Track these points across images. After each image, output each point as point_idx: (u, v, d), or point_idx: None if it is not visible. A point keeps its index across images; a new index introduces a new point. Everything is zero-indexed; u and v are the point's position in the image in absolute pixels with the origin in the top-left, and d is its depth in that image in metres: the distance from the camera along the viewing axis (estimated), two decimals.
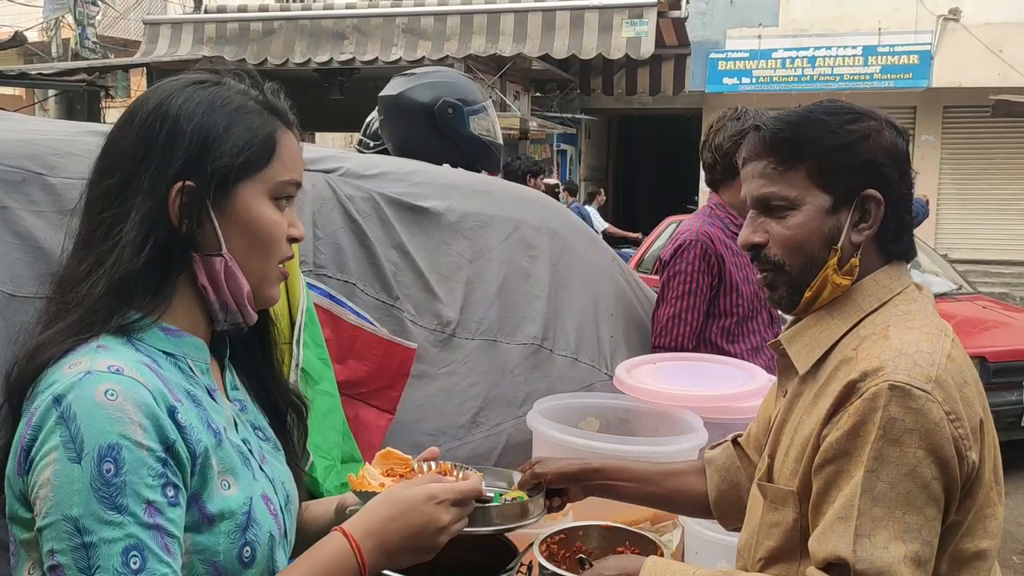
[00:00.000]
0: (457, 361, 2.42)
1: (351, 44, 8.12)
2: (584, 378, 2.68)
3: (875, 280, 1.38)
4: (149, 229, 1.12)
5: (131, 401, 1.04)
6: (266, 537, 1.16)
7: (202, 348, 1.21)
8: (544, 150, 14.80)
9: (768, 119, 1.41)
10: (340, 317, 2.10)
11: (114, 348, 1.10)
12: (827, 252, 1.36)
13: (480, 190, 2.66)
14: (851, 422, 1.24)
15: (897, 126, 1.39)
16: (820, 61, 14.76)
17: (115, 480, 1.01)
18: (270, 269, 1.22)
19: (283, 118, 1.24)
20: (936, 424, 1.20)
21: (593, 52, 7.72)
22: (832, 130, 1.35)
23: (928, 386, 1.22)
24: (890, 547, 1.19)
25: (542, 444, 2.26)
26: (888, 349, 1.27)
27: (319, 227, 2.24)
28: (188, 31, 8.71)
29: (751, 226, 1.41)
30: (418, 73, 2.99)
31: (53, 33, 13.40)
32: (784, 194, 1.36)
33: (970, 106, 14.67)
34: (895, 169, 1.36)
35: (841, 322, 1.38)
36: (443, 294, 2.43)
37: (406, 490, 1.22)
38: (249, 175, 1.18)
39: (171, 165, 1.14)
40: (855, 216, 1.35)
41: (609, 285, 2.90)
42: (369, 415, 2.12)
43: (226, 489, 1.13)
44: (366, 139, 3.24)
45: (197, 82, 1.21)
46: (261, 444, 1.28)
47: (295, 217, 1.26)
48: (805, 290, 1.38)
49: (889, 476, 1.21)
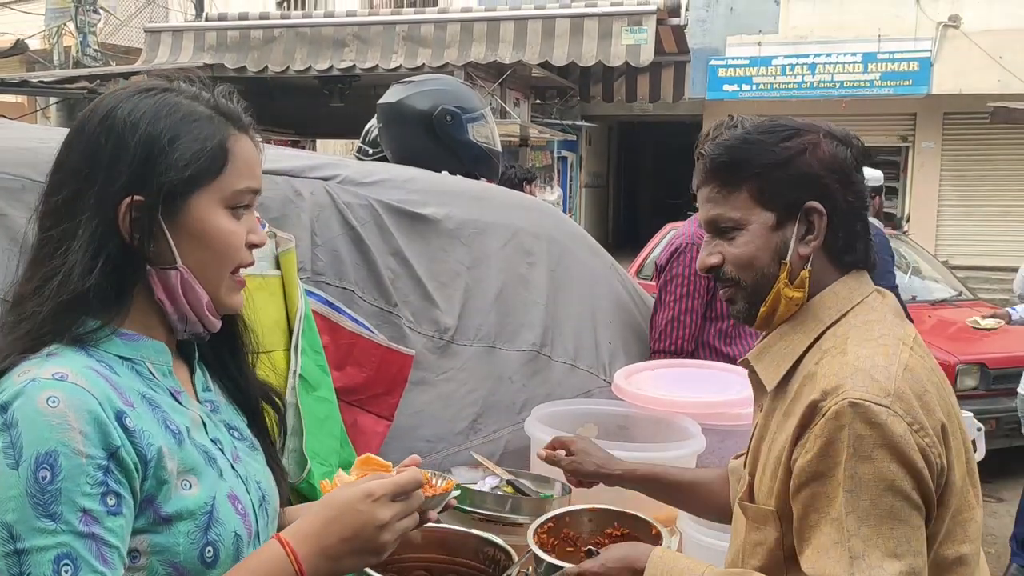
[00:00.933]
0: (455, 368, 2.43)
1: (351, 51, 8.15)
2: (582, 385, 2.68)
3: (834, 292, 1.40)
4: (98, 247, 1.11)
5: (73, 408, 1.03)
6: (231, 537, 1.15)
7: (163, 351, 1.20)
8: (545, 157, 14.82)
9: (709, 145, 1.45)
10: (338, 324, 2.11)
11: (64, 355, 1.09)
12: (777, 267, 1.39)
13: (478, 197, 2.67)
14: (819, 444, 1.25)
15: (842, 136, 1.41)
16: (820, 68, 14.78)
17: (50, 487, 1.00)
18: (227, 278, 1.20)
19: (236, 122, 1.21)
20: (901, 436, 1.22)
21: (593, 59, 7.73)
22: (768, 149, 1.38)
23: (887, 400, 1.23)
24: (885, 565, 1.20)
25: None
26: (845, 365, 1.29)
27: (317, 234, 2.25)
28: (189, 39, 8.74)
29: (707, 249, 1.46)
30: (417, 81, 3.00)
31: (55, 41, 13.43)
32: (730, 216, 1.41)
33: (970, 113, 14.67)
34: (836, 180, 1.38)
35: (803, 336, 1.40)
36: (441, 301, 2.43)
37: (343, 491, 1.19)
38: (200, 186, 1.15)
39: (117, 181, 1.11)
40: (800, 229, 1.38)
41: (607, 291, 2.91)
42: (367, 422, 2.12)
43: (186, 489, 1.12)
44: (365, 146, 3.25)
45: (144, 90, 1.18)
46: (235, 443, 1.26)
47: (255, 223, 1.23)
48: (760, 305, 1.41)
49: (869, 493, 1.21)
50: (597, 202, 19.21)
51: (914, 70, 14.41)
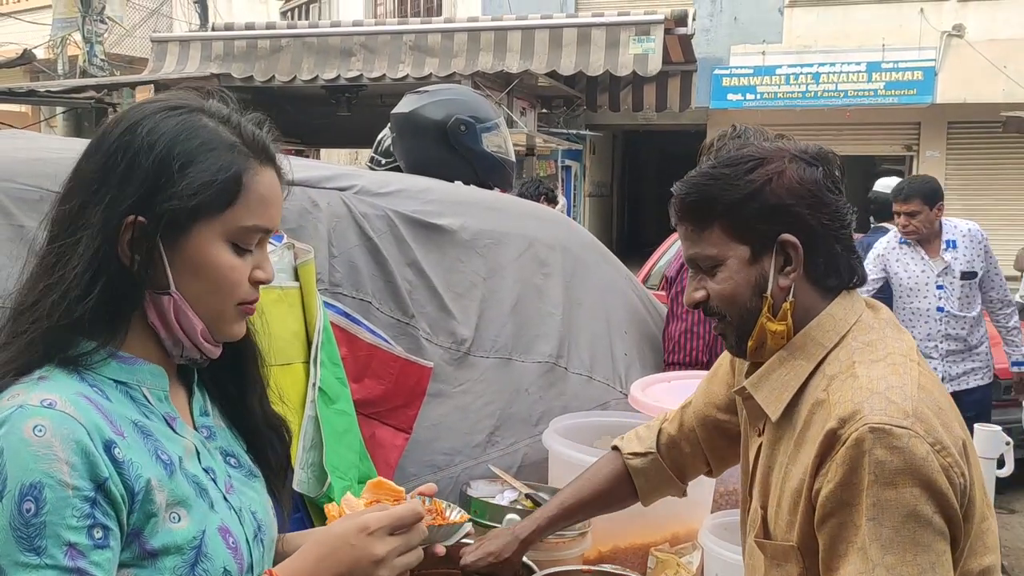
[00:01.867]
0: (472, 379, 2.41)
1: (358, 61, 8.15)
2: (599, 396, 2.66)
3: (831, 314, 1.38)
4: (98, 268, 1.07)
5: (60, 437, 0.99)
6: (219, 572, 1.10)
7: (159, 375, 1.16)
8: (549, 166, 14.82)
9: (678, 184, 1.44)
10: (356, 336, 2.09)
11: (55, 379, 1.06)
12: (759, 300, 1.37)
13: (493, 207, 2.65)
14: (841, 472, 1.23)
15: (809, 156, 1.38)
16: (824, 77, 14.78)
17: (34, 520, 0.97)
18: (226, 310, 1.15)
19: (260, 154, 1.16)
20: (923, 459, 1.20)
21: (600, 69, 7.73)
22: (732, 183, 1.36)
23: (907, 422, 1.21)
24: None
25: (557, 463, 2.24)
26: (860, 390, 1.26)
27: (334, 245, 2.24)
28: (196, 48, 8.75)
29: (692, 285, 1.44)
30: (431, 90, 2.99)
31: (59, 51, 13.46)
32: (706, 253, 1.39)
33: (975, 122, 14.67)
34: (807, 205, 1.34)
35: (805, 361, 1.37)
36: (458, 312, 2.42)
37: (338, 524, 1.15)
38: (205, 217, 1.11)
39: (124, 200, 1.08)
40: (778, 261, 1.36)
41: (622, 302, 2.89)
42: (385, 434, 2.10)
43: (175, 522, 1.08)
44: (378, 156, 3.24)
45: (172, 108, 1.15)
46: (230, 472, 1.22)
47: (264, 259, 1.18)
48: (747, 339, 1.40)
49: (892, 521, 1.20)
50: (601, 211, 19.19)
51: (918, 79, 14.41)
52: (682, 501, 2.17)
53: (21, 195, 1.78)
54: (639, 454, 1.82)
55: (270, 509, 1.26)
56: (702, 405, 1.76)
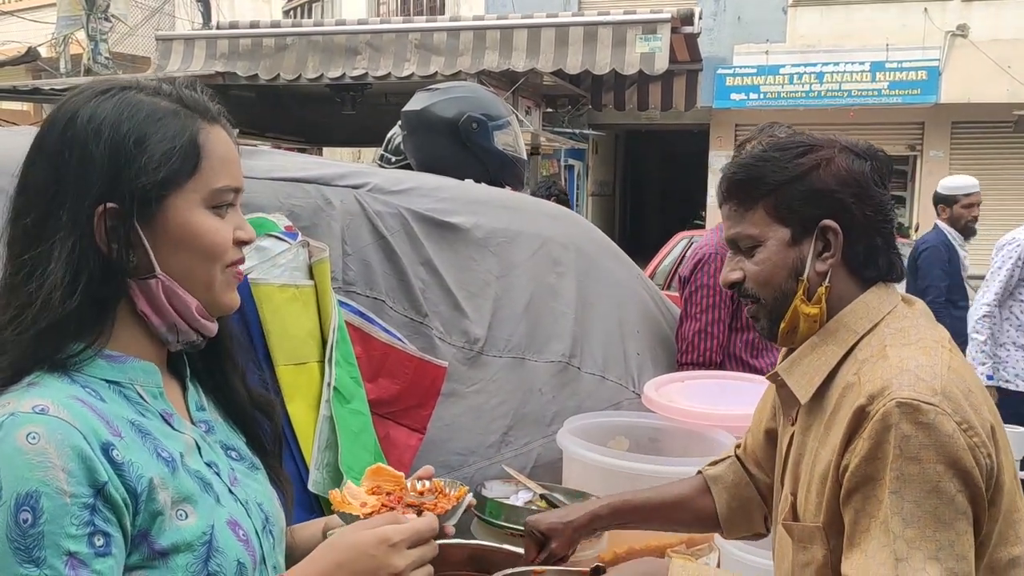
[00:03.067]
0: (486, 379, 2.39)
1: (364, 59, 8.11)
2: (612, 396, 2.65)
3: (864, 302, 1.39)
4: (78, 266, 1.04)
5: (54, 443, 0.96)
6: (233, 566, 1.08)
7: (152, 372, 1.13)
8: (552, 165, 14.81)
9: (728, 164, 1.47)
10: (371, 335, 2.07)
11: (46, 384, 1.03)
12: (795, 283, 1.39)
13: (506, 206, 2.64)
14: (867, 446, 1.24)
15: (860, 150, 1.40)
16: (828, 77, 14.79)
17: (32, 531, 0.94)
18: (216, 277, 1.12)
19: (204, 114, 1.14)
20: (950, 436, 1.21)
21: (607, 68, 7.70)
22: (782, 166, 1.39)
23: (935, 399, 1.22)
24: (927, 568, 1.19)
25: (572, 463, 2.23)
26: (889, 368, 1.28)
27: (348, 243, 2.22)
28: (201, 47, 8.72)
29: (729, 265, 1.46)
30: (442, 88, 2.97)
31: (62, 49, 13.45)
32: (748, 233, 1.41)
33: (978, 122, 14.67)
34: (852, 194, 1.37)
35: (836, 347, 1.38)
36: (471, 311, 2.40)
37: (357, 533, 1.12)
38: (176, 186, 1.08)
39: (88, 194, 1.05)
40: (818, 246, 1.38)
41: (635, 302, 2.88)
42: (400, 434, 2.08)
43: (182, 519, 1.06)
44: (388, 154, 3.22)
45: (101, 92, 1.10)
46: (233, 465, 1.20)
47: (241, 219, 1.16)
48: (780, 322, 1.41)
49: (913, 495, 1.20)
50: (604, 210, 19.19)
51: (922, 79, 14.42)
52: None
53: None
54: (717, 461, 1.78)
55: (276, 501, 1.25)
56: (750, 441, 1.74)
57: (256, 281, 1.84)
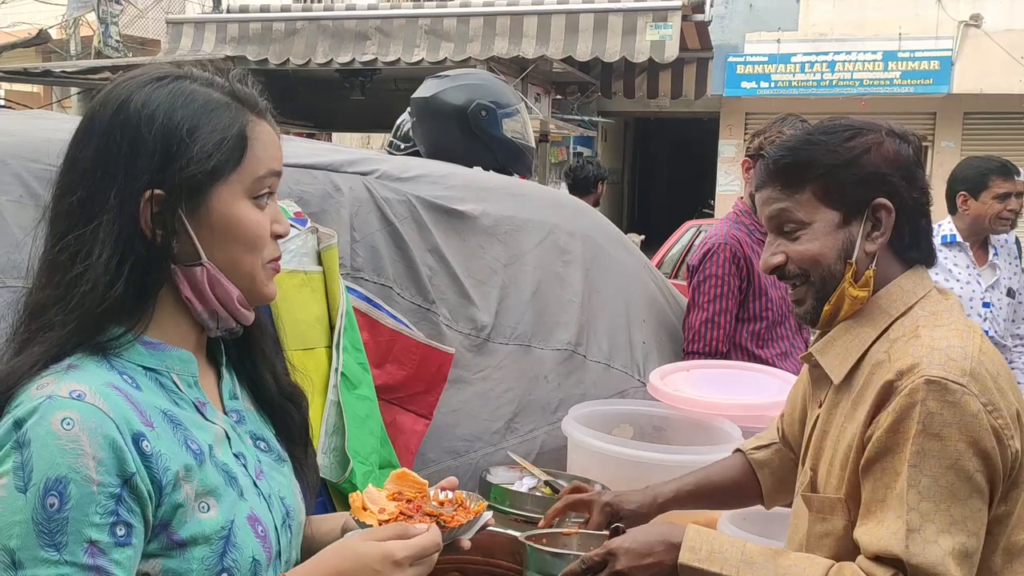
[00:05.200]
0: (492, 366, 2.41)
1: (373, 45, 8.12)
2: (617, 385, 2.66)
3: (899, 285, 1.41)
4: (124, 250, 1.06)
5: (88, 431, 0.98)
6: (248, 563, 1.10)
7: (189, 360, 1.15)
8: (561, 152, 14.77)
9: (772, 147, 1.48)
10: (378, 321, 2.09)
11: (85, 368, 1.05)
12: (843, 266, 1.40)
13: (514, 193, 2.64)
14: (891, 419, 1.27)
15: (902, 133, 1.43)
16: (840, 66, 14.69)
17: (57, 516, 0.96)
18: (258, 269, 1.15)
19: (253, 108, 1.16)
20: (974, 416, 1.23)
21: (617, 55, 7.69)
22: (832, 149, 1.40)
23: (964, 379, 1.25)
24: (939, 540, 1.22)
25: (576, 451, 2.24)
26: (920, 347, 1.30)
27: (356, 229, 2.23)
28: (211, 30, 8.74)
29: (769, 249, 1.47)
30: (451, 75, 2.98)
31: (72, 31, 13.45)
32: (794, 216, 1.43)
33: (991, 113, 14.57)
34: (901, 176, 1.40)
35: (870, 329, 1.41)
36: (478, 298, 2.41)
37: (362, 545, 1.13)
38: (222, 177, 1.10)
39: (137, 178, 1.07)
40: (867, 226, 1.40)
41: (641, 291, 2.88)
42: (406, 420, 2.10)
43: (204, 512, 1.07)
44: (397, 141, 3.23)
45: (156, 79, 1.13)
46: (260, 456, 1.22)
47: (278, 211, 1.18)
48: (824, 303, 1.42)
49: (932, 470, 1.23)
50: (612, 198, 19.13)
51: (934, 69, 14.31)
52: None
53: (50, 176, 1.77)
54: (762, 447, 1.80)
55: (298, 494, 1.26)
56: (786, 427, 1.76)
57: None
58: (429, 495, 1.31)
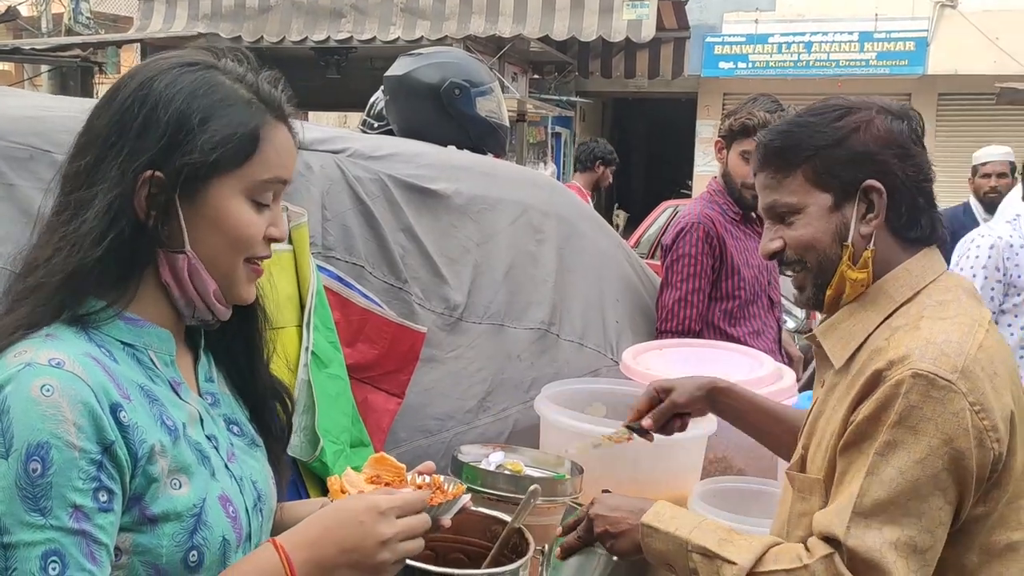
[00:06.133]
0: (464, 345, 2.40)
1: (348, 23, 8.06)
2: (590, 364, 2.67)
3: (907, 269, 1.39)
4: (113, 219, 1.07)
5: (67, 398, 0.99)
6: (218, 541, 1.10)
7: (167, 339, 1.15)
8: (539, 133, 14.74)
9: (762, 132, 1.47)
10: (349, 300, 2.08)
11: (63, 338, 1.05)
12: (839, 248, 1.38)
13: (487, 173, 2.64)
14: (872, 407, 1.26)
15: (895, 110, 1.40)
16: (816, 47, 14.73)
17: (40, 481, 0.96)
18: (237, 269, 1.15)
19: (275, 111, 1.17)
20: (955, 415, 1.22)
21: (594, 34, 7.68)
22: (820, 130, 1.38)
23: (952, 376, 1.23)
24: (884, 529, 1.22)
25: (549, 429, 2.25)
26: (917, 339, 1.28)
27: (327, 208, 2.22)
28: (183, 7, 8.63)
29: (768, 235, 1.46)
30: (425, 53, 2.95)
31: (43, 8, 13.24)
32: (786, 201, 1.41)
33: (965, 93, 14.67)
34: (894, 155, 1.37)
35: (874, 313, 1.39)
36: (451, 277, 2.41)
37: (348, 500, 1.16)
38: (224, 172, 1.11)
39: (142, 154, 1.08)
40: (861, 208, 1.37)
41: (615, 270, 2.89)
42: (378, 399, 2.10)
43: (176, 488, 1.08)
44: (370, 119, 3.20)
45: (188, 64, 1.14)
46: (233, 440, 1.22)
47: (279, 216, 1.18)
48: (826, 288, 1.41)
49: (899, 462, 1.22)
50: None
51: (910, 50, 14.39)
52: (672, 467, 2.19)
53: (11, 153, 1.75)
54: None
55: (270, 479, 1.27)
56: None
57: None
58: (407, 479, 1.31)
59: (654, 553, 1.44)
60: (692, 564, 1.37)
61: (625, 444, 1.91)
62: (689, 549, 1.37)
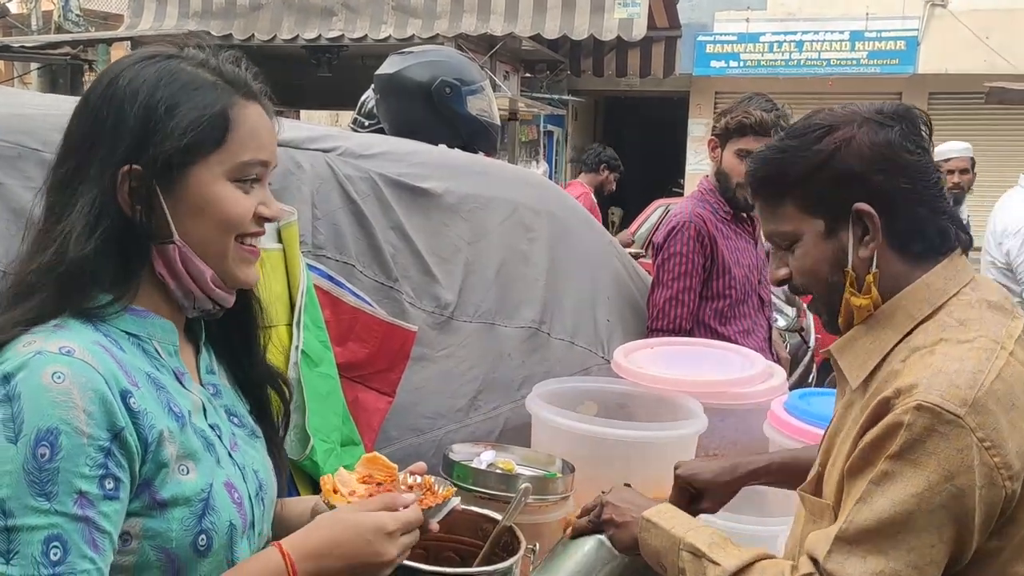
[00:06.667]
0: (455, 344, 2.40)
1: (340, 21, 8.05)
2: (581, 362, 2.67)
3: (926, 283, 1.30)
4: (99, 216, 1.09)
5: (78, 385, 1.01)
6: (225, 526, 1.13)
7: (170, 330, 1.18)
8: (531, 131, 14.72)
9: (749, 159, 1.42)
10: (340, 299, 2.08)
11: (71, 328, 1.07)
12: (840, 275, 1.32)
13: (478, 171, 2.64)
14: (875, 435, 1.21)
15: (884, 116, 1.31)
16: (807, 46, 14.75)
17: (48, 466, 0.98)
18: (229, 250, 1.16)
19: (243, 90, 1.17)
20: (960, 451, 1.15)
21: (585, 33, 7.68)
22: (801, 155, 1.32)
23: (961, 410, 1.15)
24: (868, 559, 1.17)
25: (541, 428, 2.25)
26: (929, 367, 1.20)
27: (317, 207, 2.21)
28: (173, 5, 8.60)
29: (774, 262, 1.41)
30: (415, 51, 2.96)
31: (33, 5, 13.17)
32: (782, 230, 1.37)
33: (955, 93, 14.70)
34: (879, 171, 1.28)
35: (892, 331, 1.31)
36: (442, 276, 2.41)
37: (356, 515, 1.19)
38: (200, 156, 1.12)
39: (117, 151, 1.10)
40: (857, 231, 1.30)
41: (606, 269, 2.89)
42: (369, 398, 2.09)
43: (184, 474, 1.10)
44: (361, 118, 3.20)
45: (147, 57, 1.16)
46: (235, 430, 1.25)
47: (267, 195, 1.19)
48: (837, 316, 1.36)
49: (895, 494, 1.17)
50: None
51: (901, 49, 14.42)
52: (665, 465, 2.19)
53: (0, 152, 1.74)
54: None
55: (270, 469, 1.29)
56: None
57: None
58: (399, 479, 1.33)
59: (649, 549, 1.43)
60: (681, 563, 1.36)
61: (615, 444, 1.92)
62: (681, 547, 1.37)
